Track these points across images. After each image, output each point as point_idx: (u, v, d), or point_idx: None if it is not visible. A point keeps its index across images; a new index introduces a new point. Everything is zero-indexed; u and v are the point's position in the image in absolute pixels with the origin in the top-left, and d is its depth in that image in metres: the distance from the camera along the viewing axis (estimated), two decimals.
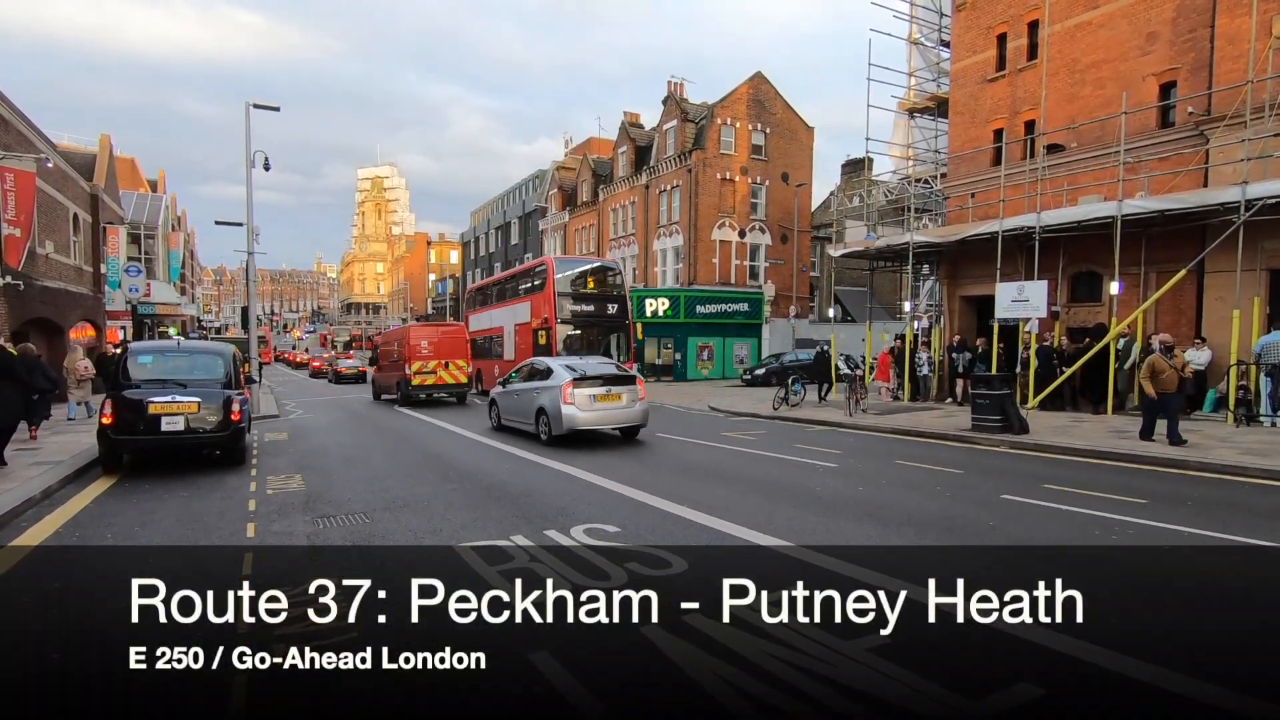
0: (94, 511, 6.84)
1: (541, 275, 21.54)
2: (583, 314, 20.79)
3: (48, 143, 19.70)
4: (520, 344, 22.21)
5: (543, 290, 20.89)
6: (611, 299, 21.69)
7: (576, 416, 11.30)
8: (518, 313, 22.66)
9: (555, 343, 19.71)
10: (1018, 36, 19.37)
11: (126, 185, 38.57)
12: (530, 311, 21.48)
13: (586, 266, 23.11)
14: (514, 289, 24.06)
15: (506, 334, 23.44)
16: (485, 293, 28.01)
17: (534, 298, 21.51)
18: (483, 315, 26.56)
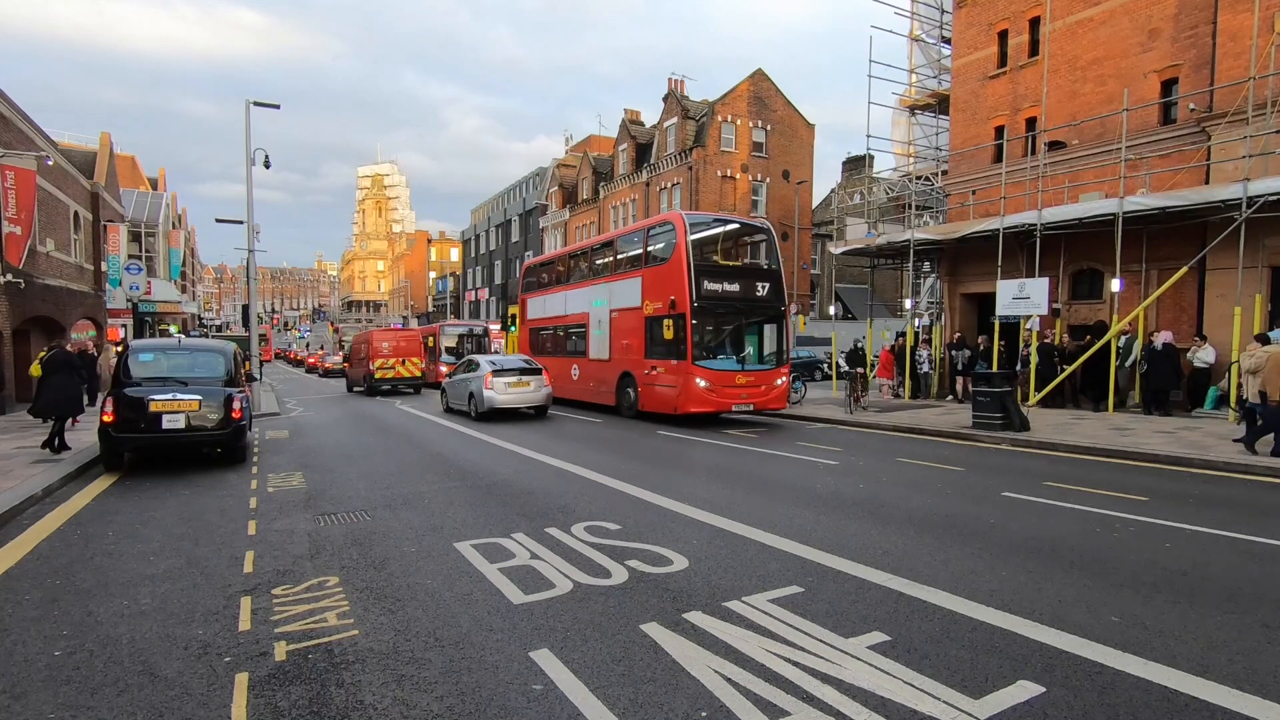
0: (95, 509, 6.85)
1: (665, 240, 14.77)
2: (726, 296, 14.22)
3: (48, 141, 19.68)
4: (623, 337, 15.88)
5: (667, 261, 14.31)
6: (763, 275, 15.06)
7: (495, 398, 15.57)
8: (617, 294, 16.11)
9: (689, 337, 13.43)
10: (1019, 33, 19.32)
11: (127, 183, 38.57)
12: (643, 292, 15.09)
13: (730, 226, 16.06)
14: (609, 262, 17.10)
15: (595, 323, 17.08)
16: (552, 270, 21.07)
17: (650, 273, 14.94)
18: (548, 300, 20.31)
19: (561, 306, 19.33)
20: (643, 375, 14.94)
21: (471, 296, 61.53)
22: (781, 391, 14.54)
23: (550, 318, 20.10)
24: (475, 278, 61.94)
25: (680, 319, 13.74)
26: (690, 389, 13.56)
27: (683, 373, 13.65)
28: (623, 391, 15.83)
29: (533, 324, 21.29)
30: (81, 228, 22.61)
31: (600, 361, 16.93)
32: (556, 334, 19.68)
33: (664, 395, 14.27)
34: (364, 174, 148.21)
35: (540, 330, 20.83)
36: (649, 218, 16.95)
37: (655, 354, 14.56)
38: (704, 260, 14.17)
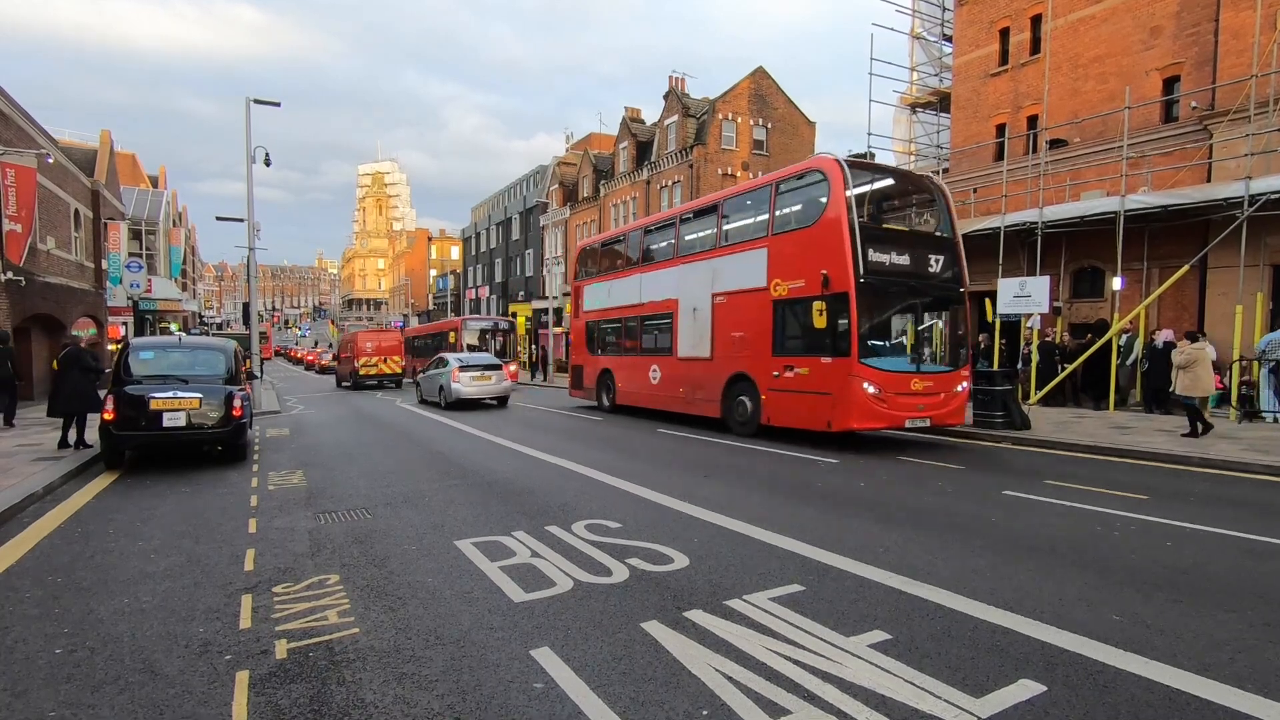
0: (96, 507, 6.85)
1: (810, 195, 11.09)
2: (896, 271, 10.54)
3: (49, 139, 19.67)
4: (734, 328, 12.35)
5: (814, 224, 10.64)
6: (937, 245, 11.23)
7: (461, 390, 17.90)
8: (724, 273, 12.54)
9: (854, 325, 9.92)
10: (1020, 31, 19.28)
11: (127, 181, 38.55)
12: (770, 267, 11.37)
13: (896, 181, 12.06)
14: (710, 234, 13.37)
15: (686, 312, 13.61)
16: (620, 250, 17.26)
17: (783, 241, 11.21)
18: (615, 286, 16.61)
19: (634, 293, 15.66)
20: (768, 379, 11.36)
21: (472, 294, 61.52)
22: (962, 401, 11.04)
23: (617, 308, 16.43)
24: (476, 276, 61.92)
25: (839, 301, 10.04)
26: (854, 397, 9.88)
27: (841, 375, 10.00)
28: (733, 401, 12.29)
29: (591, 316, 17.81)
30: (82, 225, 22.60)
31: (696, 361, 13.34)
32: (626, 328, 16.14)
33: (808, 406, 10.58)
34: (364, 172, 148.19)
35: (602, 324, 17.30)
36: (777, 171, 12.24)
37: (790, 349, 11.01)
38: (864, 223, 10.34)
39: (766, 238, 11.65)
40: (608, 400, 16.93)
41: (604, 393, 17.13)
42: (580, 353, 18.29)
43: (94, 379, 10.27)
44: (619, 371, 16.29)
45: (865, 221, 10.41)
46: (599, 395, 17.30)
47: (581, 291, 18.42)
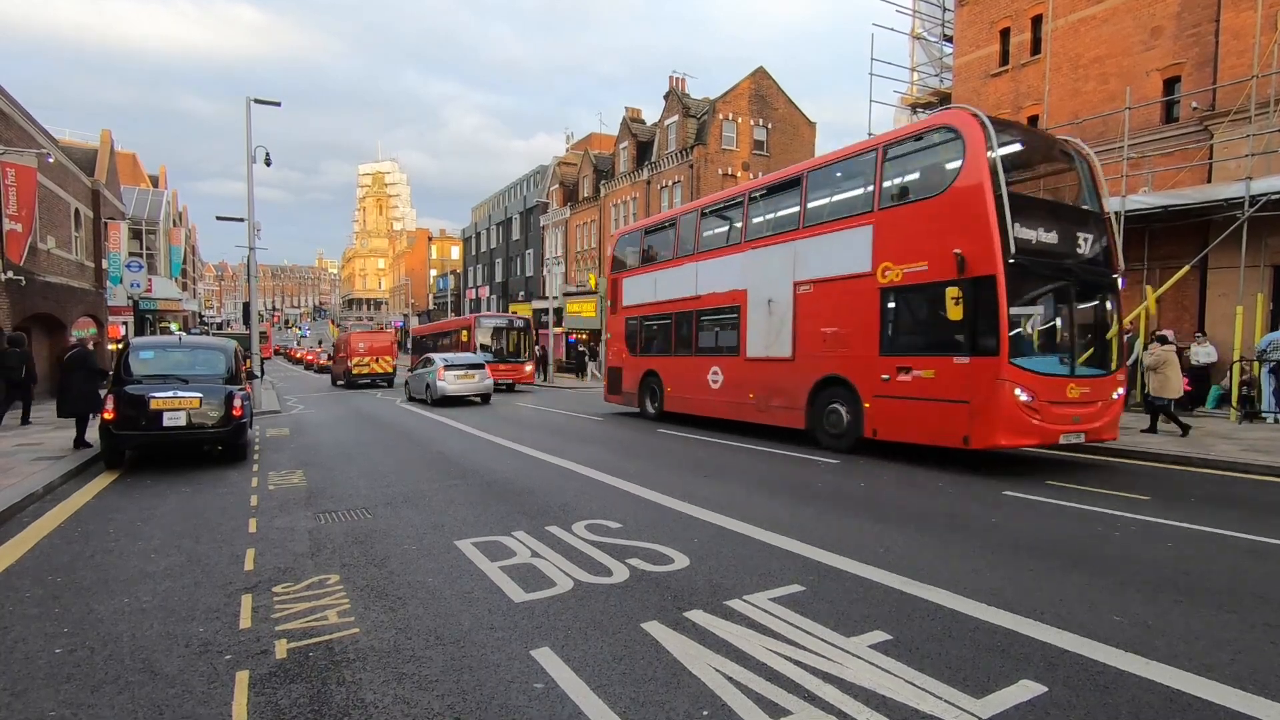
0: (96, 507, 6.85)
1: (937, 158, 9.38)
2: (1045, 251, 8.75)
3: (49, 138, 19.67)
4: (825, 323, 10.50)
5: (945, 192, 8.84)
6: (1086, 221, 9.43)
7: (446, 388, 19.02)
8: (810, 257, 10.69)
9: (1002, 316, 8.11)
10: (1021, 31, 19.28)
11: (128, 181, 38.56)
12: (878, 248, 9.56)
13: (1027, 142, 9.82)
14: (791, 213, 11.47)
15: (758, 305, 11.82)
16: (670, 236, 14.98)
17: (898, 215, 9.42)
18: (663, 278, 14.76)
19: (688, 285, 13.87)
20: (873, 384, 9.50)
21: (472, 294, 61.53)
22: (1118, 411, 9.13)
23: (666, 302, 14.55)
24: (476, 275, 61.93)
25: (981, 287, 8.16)
26: (1002, 407, 8.03)
27: (985, 378, 8.13)
28: (824, 409, 10.42)
29: (633, 312, 15.89)
30: (82, 225, 22.60)
31: (770, 362, 11.51)
32: (678, 325, 14.29)
33: (934, 417, 8.74)
34: (364, 172, 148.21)
35: (647, 321, 15.42)
36: (882, 134, 10.57)
37: (907, 347, 9.17)
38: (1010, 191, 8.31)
39: (871, 213, 9.76)
40: (653, 406, 15.04)
41: (648, 398, 15.23)
42: (619, 353, 16.41)
43: (100, 380, 10.31)
44: (668, 374, 14.51)
45: (1009, 190, 8.34)
46: (642, 401, 15.44)
47: (620, 285, 16.41)
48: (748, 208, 12.62)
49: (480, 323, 27.19)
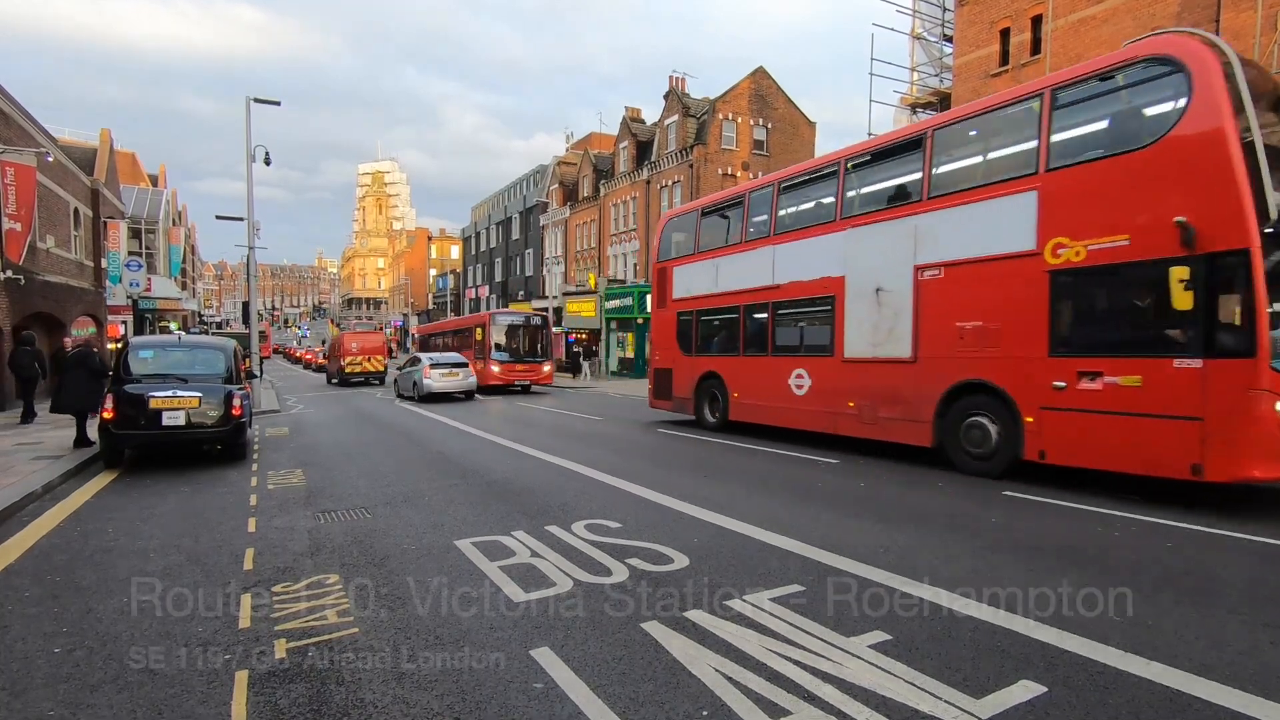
0: (95, 506, 6.85)
1: (1151, 94, 7.31)
2: None
3: (48, 137, 19.66)
4: (960, 316, 8.70)
5: (1162, 140, 6.79)
6: None
7: (431, 385, 20.37)
8: (937, 235, 8.96)
9: (1261, 308, 6.08)
10: (1021, 31, 19.29)
11: (127, 180, 38.53)
12: (1042, 220, 7.72)
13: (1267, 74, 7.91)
14: (913, 179, 9.52)
15: (860, 295, 10.00)
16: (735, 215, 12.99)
17: (1087, 176, 7.44)
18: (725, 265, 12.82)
19: (761, 272, 11.71)
20: (1040, 392, 7.61)
21: (472, 294, 61.52)
22: None
23: (732, 293, 12.43)
24: (475, 275, 61.92)
25: (1224, 266, 6.34)
26: (1259, 426, 6.14)
27: (1232, 387, 6.23)
28: (960, 422, 8.55)
29: (686, 305, 13.67)
30: (82, 224, 22.59)
31: (880, 364, 9.59)
32: (748, 319, 12.15)
33: (1142, 437, 6.77)
34: (364, 171, 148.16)
35: (705, 316, 13.28)
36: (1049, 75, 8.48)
37: (1095, 346, 7.31)
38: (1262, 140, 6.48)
39: (1034, 175, 7.81)
40: (714, 415, 12.98)
41: (708, 405, 13.19)
42: (668, 352, 14.27)
43: (102, 379, 10.32)
44: (734, 377, 12.52)
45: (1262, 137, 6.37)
46: (699, 408, 13.36)
47: (670, 274, 14.19)
48: (845, 178, 10.38)
49: (495, 320, 25.00)
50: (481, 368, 23.67)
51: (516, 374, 23.96)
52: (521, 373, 24.18)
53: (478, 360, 24.15)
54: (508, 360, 23.97)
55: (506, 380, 23.74)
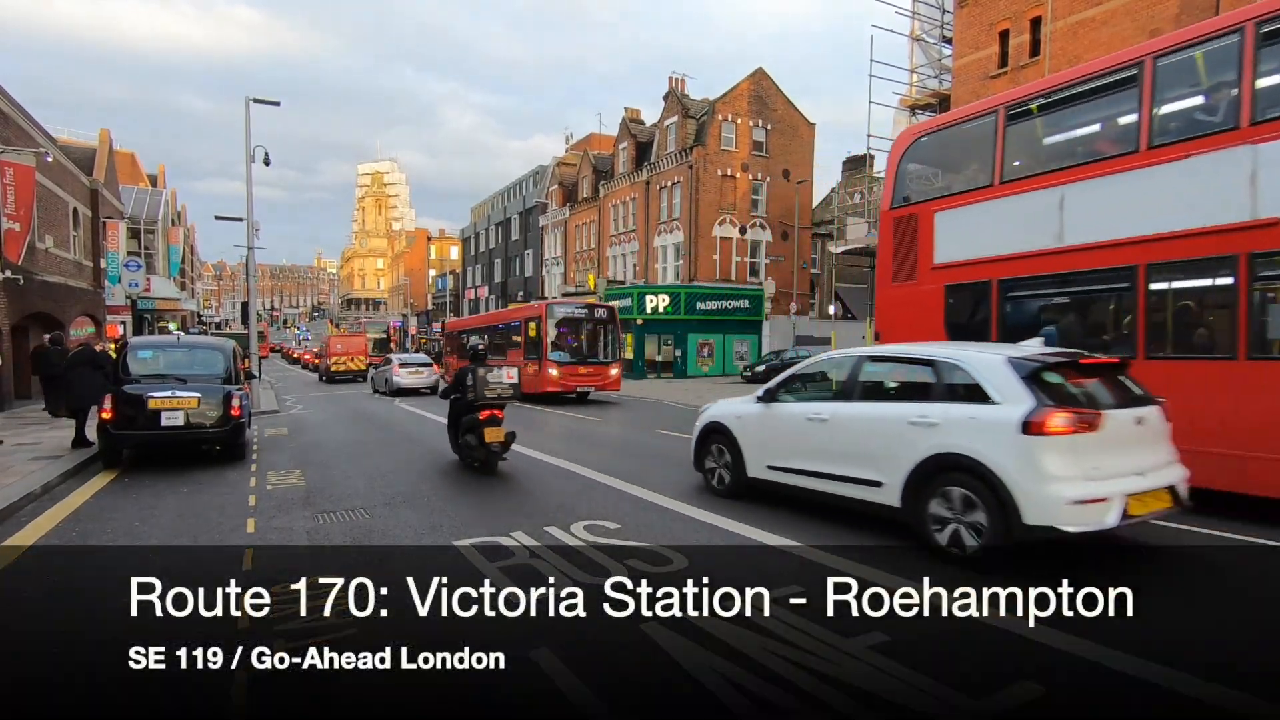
0: (94, 507, 6.84)
1: None
2: None
3: (47, 137, 19.65)
4: None
5: None
6: None
7: (401, 381, 23.01)
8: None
9: None
10: (1020, 33, 19.32)
11: (126, 180, 38.51)
12: None
13: None
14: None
15: None
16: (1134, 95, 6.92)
17: None
18: (1086, 196, 7.22)
19: (1217, 199, 6.32)
20: None
21: (471, 295, 61.53)
22: None
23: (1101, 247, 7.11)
24: (475, 276, 61.92)
25: None
26: None
27: None
28: None
29: (971, 273, 8.34)
30: (81, 224, 22.57)
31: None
32: (1162, 295, 6.91)
33: None
34: (364, 171, 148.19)
35: (1018, 290, 8.03)
36: None
37: None
38: None
39: None
40: None
41: None
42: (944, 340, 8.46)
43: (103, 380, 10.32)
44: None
45: None
46: None
47: (928, 224, 8.87)
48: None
49: (553, 312, 20.10)
50: (534, 371, 19.38)
51: (579, 378, 19.52)
52: (585, 377, 19.65)
53: (528, 361, 19.87)
54: (568, 361, 19.50)
55: (566, 386, 19.30)
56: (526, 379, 17.56)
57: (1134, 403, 5.10)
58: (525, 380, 16.61)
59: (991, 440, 4.82)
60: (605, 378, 20.22)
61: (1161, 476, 4.93)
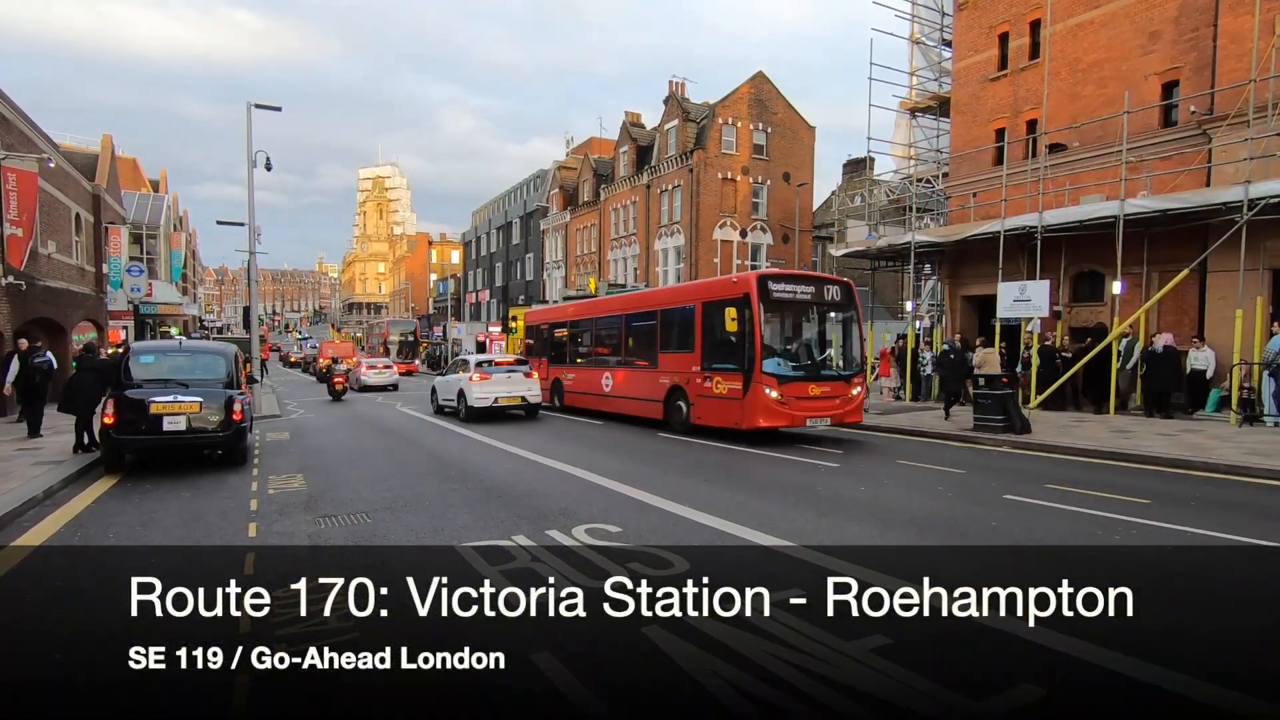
0: (96, 511, 6.85)
1: None
2: None
3: (50, 143, 19.72)
4: None
5: None
6: None
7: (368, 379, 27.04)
8: None
9: None
10: (1019, 36, 19.34)
11: (128, 185, 38.62)
12: None
13: None
14: None
15: None
16: None
17: None
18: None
19: None
20: None
21: (473, 299, 61.58)
22: None
23: None
24: (476, 280, 61.98)
25: None
26: None
27: None
28: None
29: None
30: (83, 230, 22.63)
31: None
32: None
33: None
34: (365, 176, 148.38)
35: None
36: None
37: None
38: None
39: None
40: None
41: None
42: None
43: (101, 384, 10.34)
44: None
45: None
46: None
47: None
48: None
49: (769, 291, 11.54)
50: (721, 388, 11.79)
51: (811, 404, 11.45)
52: (819, 401, 11.53)
53: (711, 373, 12.06)
54: (793, 375, 11.48)
55: (793, 418, 11.30)
56: (711, 404, 11.91)
57: (515, 367, 16.21)
58: (706, 406, 11.95)
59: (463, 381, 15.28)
60: (846, 402, 11.90)
61: (519, 393, 15.36)
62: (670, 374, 13.19)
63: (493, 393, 15.14)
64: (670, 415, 13.07)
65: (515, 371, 15.91)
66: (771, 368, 11.28)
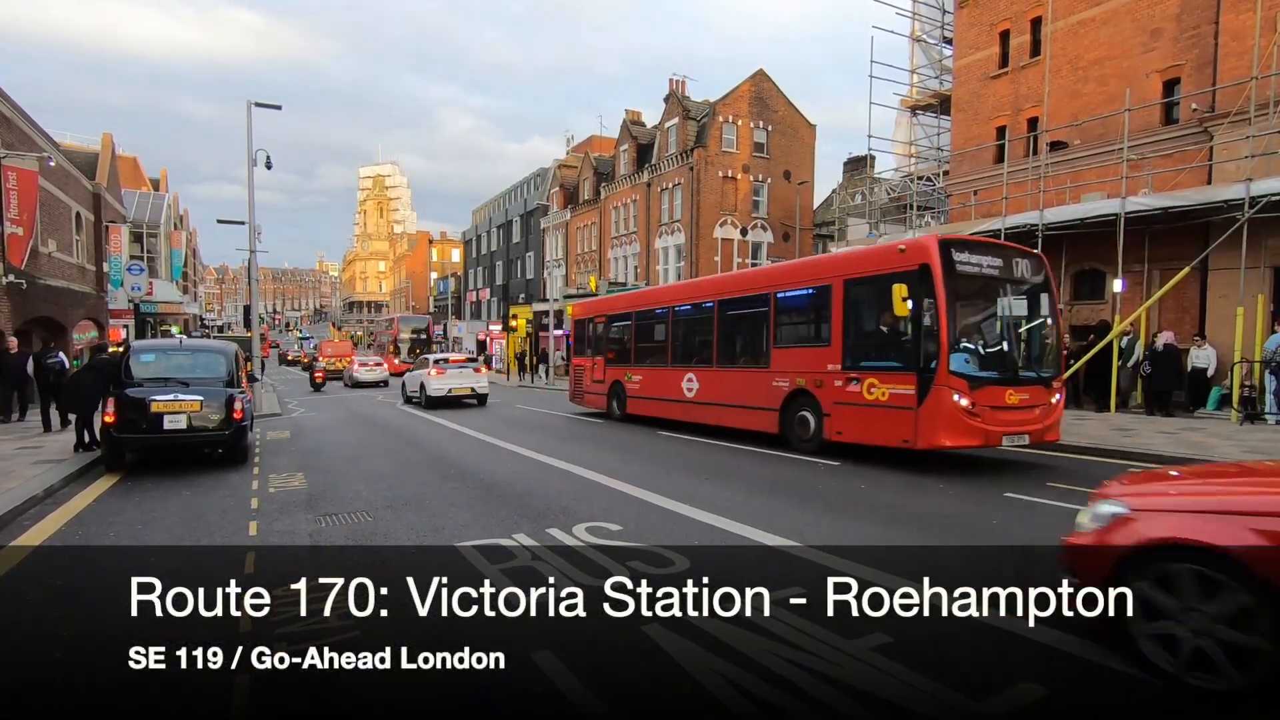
0: (96, 510, 6.85)
1: None
2: None
3: (50, 142, 19.72)
4: None
5: None
6: None
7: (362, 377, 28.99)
8: None
9: None
10: (1020, 33, 19.31)
11: (129, 184, 38.60)
12: None
13: None
14: None
15: None
16: None
17: None
18: None
19: None
20: None
21: (473, 297, 61.57)
22: None
23: None
24: (476, 278, 61.97)
25: None
26: None
27: None
28: None
29: None
30: (83, 229, 22.64)
31: None
32: None
33: None
34: (365, 174, 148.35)
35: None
36: None
37: None
38: None
39: None
40: None
41: None
42: None
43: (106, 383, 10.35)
44: None
45: None
46: None
47: None
48: None
49: (955, 265, 8.51)
50: (885, 392, 9.07)
51: (1010, 415, 8.75)
52: (1020, 413, 8.87)
53: (860, 372, 9.40)
54: (991, 379, 8.67)
55: (985, 435, 8.56)
56: (859, 414, 9.41)
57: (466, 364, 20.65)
58: (850, 417, 9.50)
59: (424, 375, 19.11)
60: (1047, 413, 9.20)
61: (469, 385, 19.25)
62: (790, 374, 10.25)
63: (447, 385, 18.94)
64: (790, 428, 10.27)
65: (466, 368, 20.38)
66: (960, 366, 8.35)
